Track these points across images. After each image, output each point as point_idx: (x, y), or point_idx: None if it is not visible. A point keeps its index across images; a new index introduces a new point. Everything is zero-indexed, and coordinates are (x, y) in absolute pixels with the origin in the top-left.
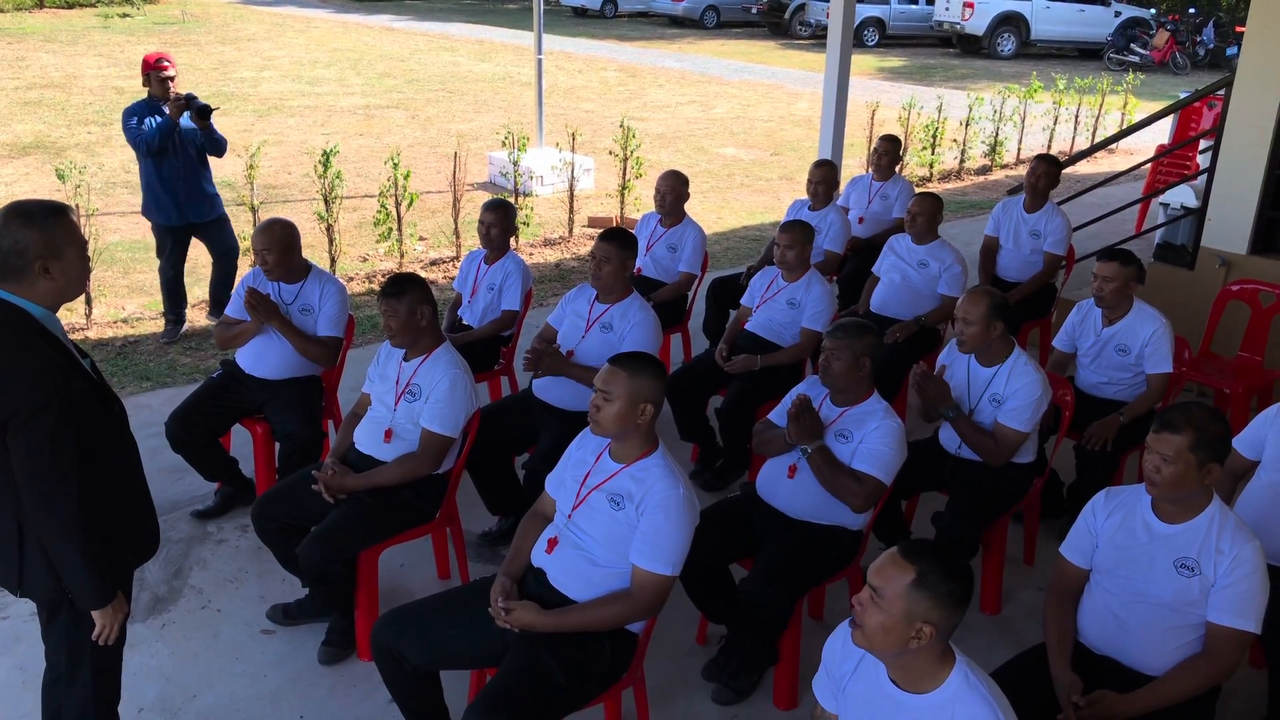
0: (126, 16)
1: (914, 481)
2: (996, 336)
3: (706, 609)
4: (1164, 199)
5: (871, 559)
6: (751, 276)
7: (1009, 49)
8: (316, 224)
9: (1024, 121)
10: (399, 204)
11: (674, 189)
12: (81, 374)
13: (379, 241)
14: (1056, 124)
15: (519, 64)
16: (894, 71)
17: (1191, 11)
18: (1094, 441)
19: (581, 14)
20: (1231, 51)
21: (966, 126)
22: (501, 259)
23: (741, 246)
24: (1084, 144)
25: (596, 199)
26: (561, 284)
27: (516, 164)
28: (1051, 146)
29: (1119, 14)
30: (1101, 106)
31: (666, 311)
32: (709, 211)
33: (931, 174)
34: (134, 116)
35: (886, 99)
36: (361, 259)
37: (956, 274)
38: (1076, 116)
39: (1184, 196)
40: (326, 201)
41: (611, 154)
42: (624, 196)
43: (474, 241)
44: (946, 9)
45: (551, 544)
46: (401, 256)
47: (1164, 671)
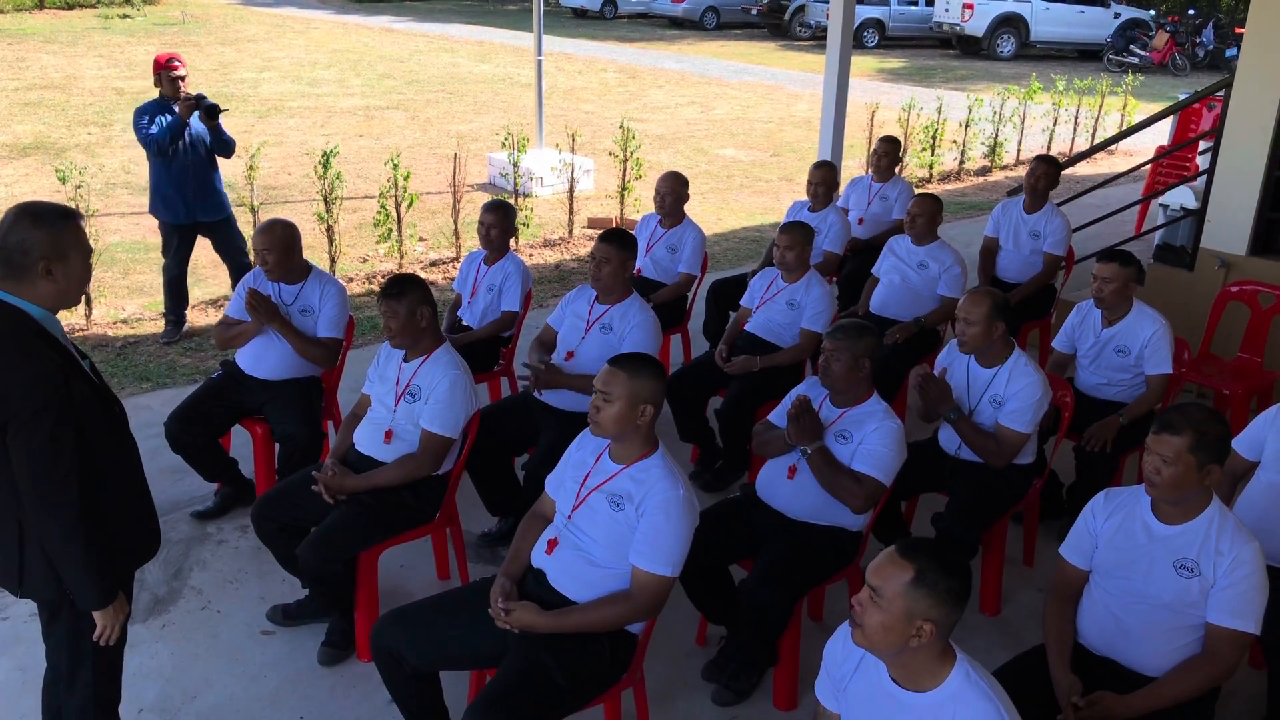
0: (126, 18)
1: (913, 482)
2: (998, 337)
3: (706, 610)
4: (1163, 200)
5: (871, 560)
6: None
7: (1008, 50)
8: (316, 225)
9: (1023, 123)
10: (399, 205)
11: (674, 190)
12: (81, 375)
13: (379, 242)
14: (1056, 125)
15: (519, 65)
16: (894, 73)
17: (1191, 13)
18: (1093, 443)
19: (581, 15)
20: (1231, 53)
21: (966, 128)
22: (501, 260)
23: (741, 248)
24: (1083, 145)
25: (596, 200)
26: (561, 285)
27: (516, 165)
28: (1051, 148)
29: (1118, 15)
30: (1101, 108)
31: (666, 312)
32: (709, 213)
33: (931, 175)
34: (145, 116)
35: (886, 100)
36: (361, 260)
37: (956, 275)
38: (1076, 118)
39: (1183, 198)
40: (326, 202)
41: (611, 155)
42: (624, 198)
43: (474, 242)
44: (946, 10)
45: (551, 545)
46: (401, 257)
47: (1163, 673)
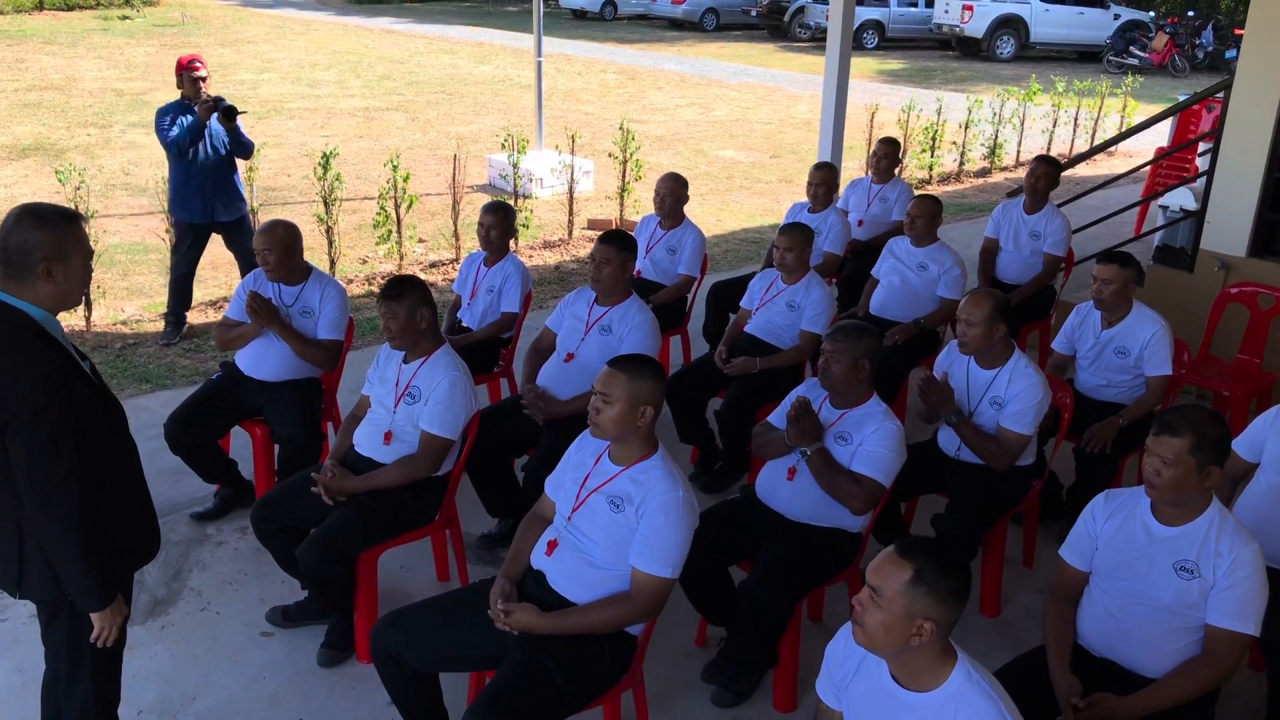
0: (126, 19)
1: (913, 484)
2: (998, 339)
3: (706, 611)
4: (1163, 201)
5: (871, 561)
6: None
7: (1008, 52)
8: (316, 226)
9: (1023, 124)
10: (398, 206)
11: (673, 191)
12: (81, 376)
13: (378, 244)
14: (1056, 126)
15: (519, 66)
16: (893, 74)
17: (1190, 14)
18: (1093, 444)
19: (581, 17)
20: (1230, 54)
21: (966, 129)
22: (501, 261)
23: (741, 249)
24: (1083, 146)
25: (596, 201)
26: (561, 286)
27: (516, 166)
28: (1051, 149)
29: (1118, 17)
30: (1101, 109)
31: (666, 314)
32: (708, 214)
33: (931, 176)
34: (166, 117)
35: (886, 101)
36: (361, 261)
37: (956, 276)
38: (1076, 119)
39: (1183, 199)
40: (326, 204)
41: (611, 156)
42: (623, 199)
43: (473, 244)
44: (946, 12)
45: (551, 546)
46: (401, 259)
47: (1163, 674)
